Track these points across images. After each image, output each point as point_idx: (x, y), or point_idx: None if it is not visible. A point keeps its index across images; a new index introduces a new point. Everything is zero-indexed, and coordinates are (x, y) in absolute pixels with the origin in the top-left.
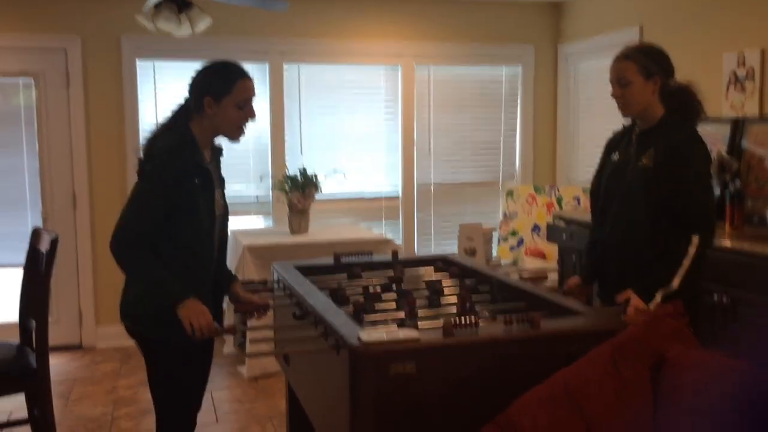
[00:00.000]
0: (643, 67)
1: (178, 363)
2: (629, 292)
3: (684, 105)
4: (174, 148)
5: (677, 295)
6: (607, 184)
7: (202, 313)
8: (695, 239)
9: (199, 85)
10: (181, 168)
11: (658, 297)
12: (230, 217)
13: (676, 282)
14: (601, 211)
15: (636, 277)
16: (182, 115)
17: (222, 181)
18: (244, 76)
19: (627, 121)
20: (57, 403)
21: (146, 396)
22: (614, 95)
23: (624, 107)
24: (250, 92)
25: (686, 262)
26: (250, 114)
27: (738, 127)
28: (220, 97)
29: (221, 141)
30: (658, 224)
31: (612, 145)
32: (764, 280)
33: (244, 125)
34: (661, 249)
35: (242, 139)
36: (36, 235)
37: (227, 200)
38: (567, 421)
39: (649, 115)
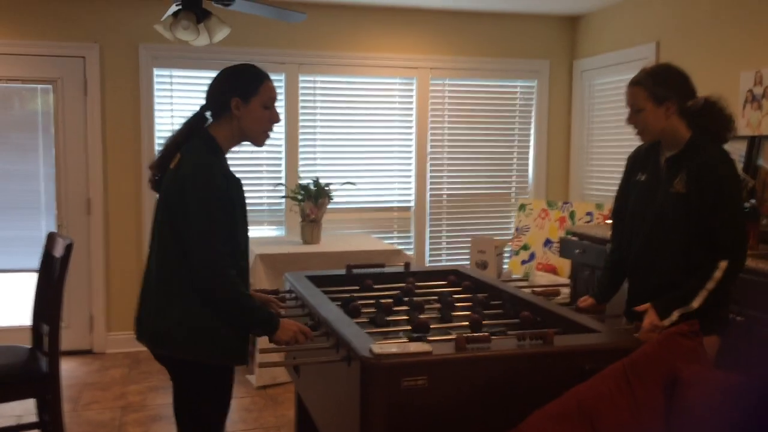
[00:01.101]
0: (653, 92)
1: (227, 385)
2: (647, 306)
3: (712, 123)
4: (213, 159)
5: (694, 316)
6: (634, 206)
7: (291, 327)
8: (722, 264)
9: (223, 87)
10: (224, 179)
11: (675, 315)
12: None
13: (696, 303)
14: (627, 232)
15: (660, 294)
16: (197, 126)
17: None
18: (269, 77)
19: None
20: (66, 408)
21: (155, 402)
22: (628, 121)
23: (640, 133)
24: (275, 93)
25: (710, 285)
26: (276, 116)
27: (754, 145)
28: (248, 97)
29: None
30: (691, 251)
31: (636, 163)
32: None
33: (271, 128)
34: (687, 270)
35: (260, 149)
36: (51, 240)
37: None
38: None
39: (673, 138)
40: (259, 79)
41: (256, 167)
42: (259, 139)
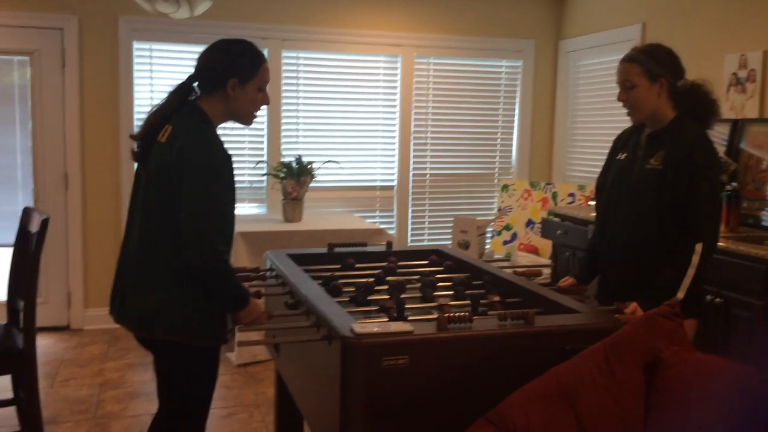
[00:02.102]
0: (648, 69)
1: (214, 365)
2: (634, 305)
3: (697, 106)
4: (212, 135)
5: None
6: (611, 184)
7: (258, 307)
8: (698, 247)
9: (221, 64)
10: (224, 151)
11: None
12: None
13: (681, 293)
14: (607, 212)
15: (640, 284)
16: (184, 98)
17: None
18: (266, 60)
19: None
20: (43, 385)
21: (133, 379)
22: (619, 99)
23: (631, 112)
24: (269, 76)
25: (690, 271)
26: (267, 98)
27: (737, 128)
28: (246, 79)
29: None
30: (663, 228)
31: (619, 144)
32: (758, 282)
33: (259, 110)
34: (665, 255)
35: (240, 127)
36: (26, 215)
37: None
38: (559, 417)
39: (659, 117)
40: (258, 61)
41: (237, 144)
42: (248, 120)
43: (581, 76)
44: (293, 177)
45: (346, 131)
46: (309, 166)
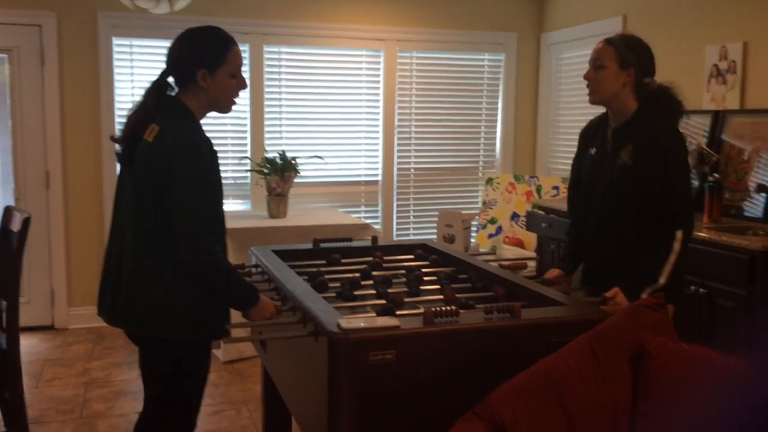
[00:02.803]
0: (621, 55)
1: (207, 361)
2: (616, 290)
3: (663, 103)
4: (198, 132)
5: (663, 290)
6: (587, 180)
7: (267, 306)
8: (679, 234)
9: (187, 56)
10: (211, 149)
11: (645, 295)
12: None
13: (662, 279)
14: (582, 205)
15: (621, 273)
16: (161, 95)
17: None
18: (235, 42)
19: (598, 111)
20: (28, 385)
21: (119, 377)
22: (586, 76)
23: (592, 92)
24: (241, 59)
25: (672, 258)
26: (243, 82)
27: (718, 119)
28: (215, 68)
29: None
30: (641, 219)
31: (587, 137)
32: (741, 272)
33: (238, 95)
34: (645, 244)
35: (223, 121)
36: (7, 214)
37: None
38: (546, 409)
39: (620, 107)
40: (225, 46)
41: (220, 139)
42: (226, 108)
43: (563, 69)
44: (277, 173)
45: (330, 126)
46: (293, 162)
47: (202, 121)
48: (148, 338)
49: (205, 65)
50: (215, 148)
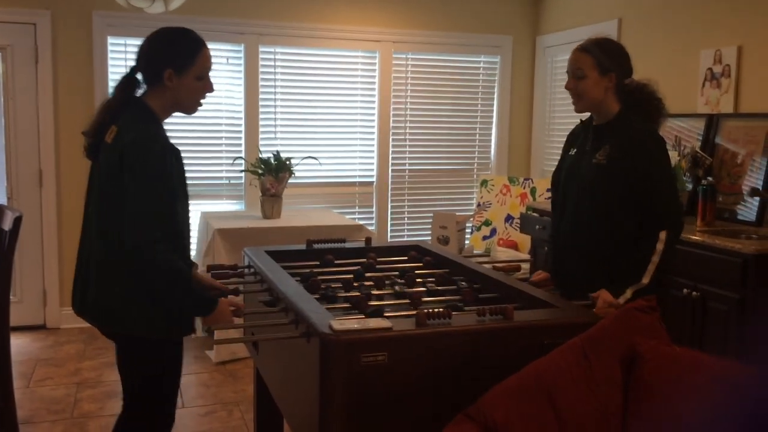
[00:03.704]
0: (600, 62)
1: (175, 358)
2: (602, 292)
3: (644, 103)
4: (152, 130)
5: (647, 291)
6: (564, 180)
7: (225, 313)
8: (662, 235)
9: (156, 56)
10: (166, 151)
11: (629, 293)
12: (201, 200)
13: (646, 279)
14: (560, 206)
15: (588, 274)
16: (130, 91)
17: None
18: (205, 46)
19: (585, 116)
20: (18, 385)
21: (110, 378)
22: (567, 87)
23: (576, 101)
24: (210, 62)
25: (655, 258)
26: (210, 86)
27: (712, 123)
28: (182, 69)
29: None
30: (615, 219)
31: (572, 138)
32: (735, 275)
33: (204, 98)
34: (621, 245)
35: (218, 121)
36: None
37: (191, 181)
38: (538, 412)
39: (604, 111)
40: (195, 49)
41: (215, 139)
42: (191, 110)
43: (558, 72)
44: (272, 173)
45: (325, 127)
46: (287, 162)
47: (197, 120)
48: (116, 335)
49: (172, 66)
50: (209, 148)
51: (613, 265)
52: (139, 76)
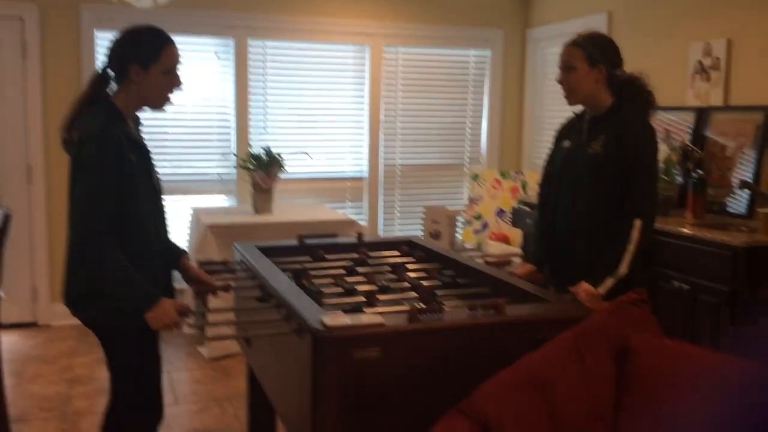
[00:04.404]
0: (589, 55)
1: (151, 349)
2: (582, 284)
3: (635, 94)
4: (104, 127)
5: (627, 280)
6: (558, 172)
7: (167, 312)
8: (637, 223)
9: (123, 52)
10: (117, 147)
11: (608, 282)
12: (192, 196)
13: (623, 267)
14: (554, 197)
15: (586, 264)
16: (101, 87)
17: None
18: (171, 42)
19: (578, 110)
20: (10, 382)
21: (102, 374)
22: (558, 80)
23: (568, 94)
24: (177, 58)
25: (631, 247)
26: (177, 81)
27: (702, 116)
28: (147, 64)
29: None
30: (606, 211)
31: (563, 132)
32: (725, 268)
33: (171, 93)
34: (607, 236)
35: (208, 116)
36: None
37: (181, 177)
38: (531, 406)
39: (596, 103)
40: (159, 44)
41: (205, 135)
42: (158, 105)
43: (549, 65)
44: (263, 168)
45: (315, 122)
46: (279, 157)
47: (188, 117)
48: (89, 325)
49: (137, 60)
50: (201, 144)
51: (597, 255)
52: (110, 73)
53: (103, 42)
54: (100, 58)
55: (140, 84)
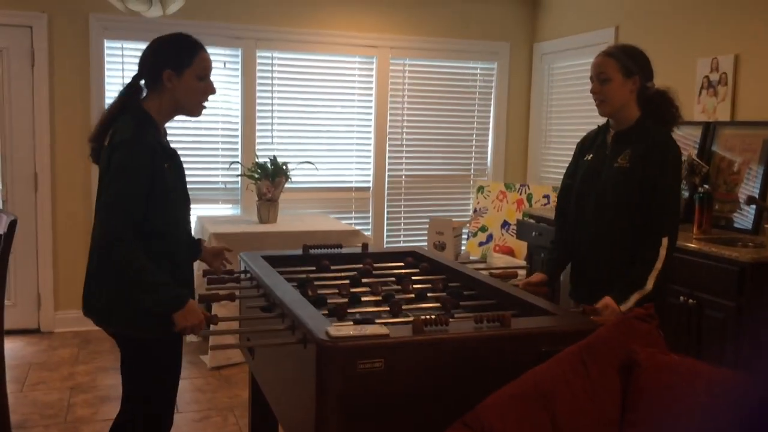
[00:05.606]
0: (624, 65)
1: (174, 358)
2: (607, 299)
3: (661, 110)
4: (137, 134)
5: (652, 297)
6: (580, 185)
7: (195, 313)
8: (665, 241)
9: (156, 59)
10: (150, 154)
11: (633, 299)
12: (197, 205)
13: (650, 283)
14: (574, 210)
15: (610, 278)
16: (133, 96)
17: None
18: (203, 48)
19: (601, 121)
20: (11, 389)
21: (104, 382)
22: (593, 91)
23: (601, 104)
24: (210, 64)
25: (659, 264)
26: (211, 87)
27: (709, 131)
28: (181, 69)
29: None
30: (631, 224)
31: (585, 146)
32: (731, 283)
33: (206, 99)
34: (633, 250)
35: (214, 125)
36: None
37: (192, 185)
38: (535, 419)
39: (625, 115)
40: (192, 49)
41: (212, 144)
42: (194, 111)
43: (555, 79)
44: (268, 178)
45: (321, 132)
46: (284, 167)
47: (192, 124)
48: (112, 335)
49: (171, 66)
50: (206, 153)
51: (624, 268)
52: (142, 83)
53: (111, 51)
54: (109, 67)
55: (174, 90)
